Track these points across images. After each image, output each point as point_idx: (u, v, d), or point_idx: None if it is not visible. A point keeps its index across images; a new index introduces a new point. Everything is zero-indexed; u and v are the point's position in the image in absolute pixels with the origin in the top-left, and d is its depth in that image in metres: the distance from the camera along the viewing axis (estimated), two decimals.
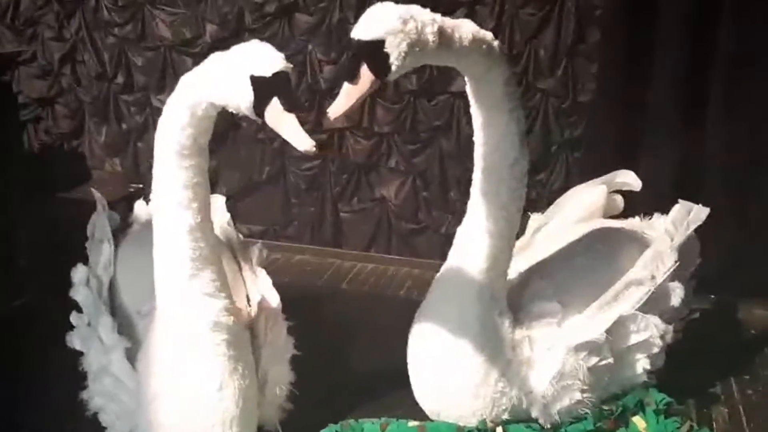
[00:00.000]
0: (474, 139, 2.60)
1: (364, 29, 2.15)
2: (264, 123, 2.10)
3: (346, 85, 2.16)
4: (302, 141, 2.02)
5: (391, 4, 2.21)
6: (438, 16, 2.26)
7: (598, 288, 2.87)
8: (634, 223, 3.33)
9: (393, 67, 2.15)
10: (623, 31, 3.76)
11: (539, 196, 4.14)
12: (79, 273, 2.92)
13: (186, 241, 2.40)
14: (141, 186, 4.47)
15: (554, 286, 2.89)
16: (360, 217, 4.52)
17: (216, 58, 2.20)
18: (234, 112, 2.17)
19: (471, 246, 2.69)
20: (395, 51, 2.14)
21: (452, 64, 2.45)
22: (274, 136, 4.31)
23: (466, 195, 2.76)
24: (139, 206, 3.33)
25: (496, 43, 2.42)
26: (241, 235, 3.33)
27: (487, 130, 2.55)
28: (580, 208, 3.34)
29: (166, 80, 4.50)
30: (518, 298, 2.89)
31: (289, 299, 2.89)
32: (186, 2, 4.42)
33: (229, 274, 2.90)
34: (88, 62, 4.65)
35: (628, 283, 2.89)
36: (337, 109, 2.15)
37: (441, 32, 2.23)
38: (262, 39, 4.14)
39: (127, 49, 4.58)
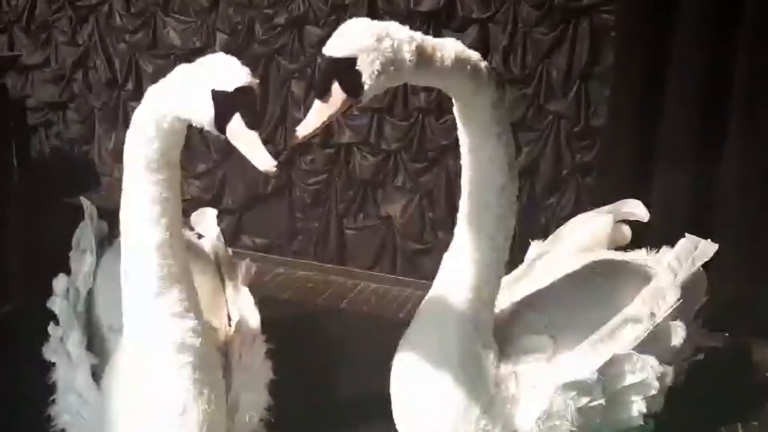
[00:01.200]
0: (461, 163, 2.48)
1: (335, 46, 2.03)
2: (227, 139, 2.00)
3: (316, 103, 2.05)
4: (264, 161, 1.92)
5: (367, 20, 2.09)
6: (418, 34, 2.12)
7: (594, 324, 2.71)
8: (638, 256, 3.15)
9: (365, 87, 2.02)
10: (638, 54, 3.64)
11: (548, 221, 4.02)
12: (60, 283, 2.86)
13: (154, 257, 2.31)
14: None
15: (547, 320, 2.73)
16: (365, 234, 4.43)
17: (182, 69, 2.12)
18: (198, 126, 2.08)
19: (455, 275, 2.56)
20: (368, 70, 2.01)
21: (435, 85, 2.32)
22: (281, 149, 4.34)
23: None
24: None
25: (483, 64, 2.28)
26: (230, 250, 3.25)
27: (474, 155, 2.42)
28: (584, 238, 3.18)
29: None
30: (508, 331, 2.74)
31: (284, 317, 2.78)
32: (197, 11, 4.38)
33: (210, 292, 2.82)
34: (99, 68, 4.65)
35: (625, 320, 2.73)
36: (306, 127, 2.03)
37: (420, 51, 2.10)
38: (271, 50, 4.27)
39: (138, 56, 4.57)
